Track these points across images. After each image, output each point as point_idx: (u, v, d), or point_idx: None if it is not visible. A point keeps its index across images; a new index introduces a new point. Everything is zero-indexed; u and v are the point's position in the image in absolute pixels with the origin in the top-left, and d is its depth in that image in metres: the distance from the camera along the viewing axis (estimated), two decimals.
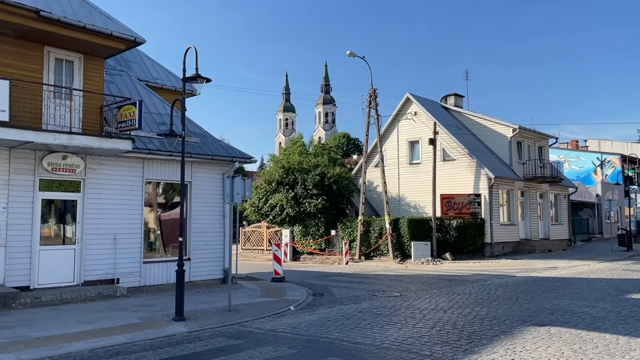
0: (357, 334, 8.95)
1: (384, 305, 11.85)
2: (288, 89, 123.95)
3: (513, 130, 28.64)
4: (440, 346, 8.02)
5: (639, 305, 11.49)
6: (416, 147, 29.21)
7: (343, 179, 28.11)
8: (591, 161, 44.82)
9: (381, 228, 25.75)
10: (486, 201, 25.87)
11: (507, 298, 12.77)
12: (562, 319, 10.08)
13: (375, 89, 26.64)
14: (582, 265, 20.83)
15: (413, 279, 17.61)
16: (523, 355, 7.48)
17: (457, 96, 32.32)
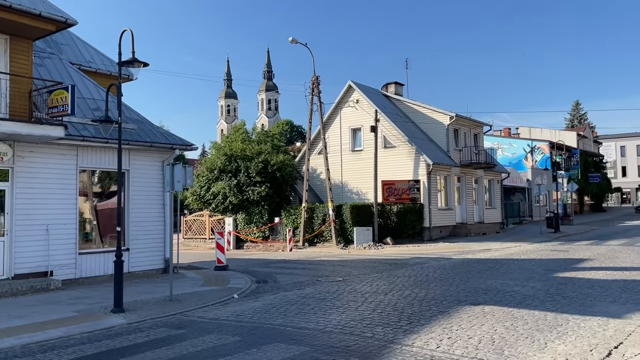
0: (300, 319, 9.06)
1: (327, 290, 12.03)
2: (230, 75, 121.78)
3: (450, 118, 29.59)
4: (382, 327, 8.26)
5: (565, 283, 12.27)
6: (358, 134, 29.60)
7: (286, 166, 28.10)
8: (522, 148, 47.07)
9: (324, 214, 26.02)
10: (425, 187, 26.67)
11: (445, 279, 13.28)
12: (495, 297, 10.61)
13: (318, 76, 26.73)
14: (514, 247, 21.95)
15: (355, 263, 17.95)
16: (459, 333, 7.83)
17: (398, 84, 32.95)
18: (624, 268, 14.56)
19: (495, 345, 7.13)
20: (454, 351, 6.91)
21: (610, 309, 9.28)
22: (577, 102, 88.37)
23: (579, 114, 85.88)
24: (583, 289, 11.38)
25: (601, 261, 16.23)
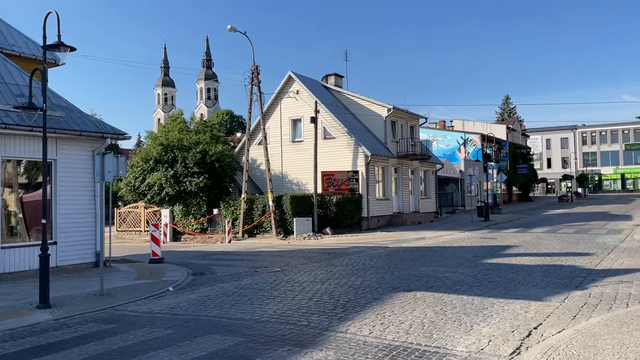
0: (237, 310, 9.02)
1: (265, 281, 12.04)
2: (167, 63, 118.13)
3: (388, 110, 30.19)
4: (318, 316, 8.38)
5: (492, 269, 12.90)
6: (298, 125, 29.62)
7: (226, 157, 27.73)
8: (456, 140, 48.80)
9: (264, 205, 25.93)
10: (363, 177, 27.13)
11: (380, 267, 13.62)
12: (427, 284, 11.01)
13: (258, 66, 26.49)
14: (447, 235, 22.80)
15: (294, 253, 18.04)
16: (391, 319, 8.08)
17: (337, 76, 33.21)
18: (546, 254, 15.48)
19: (425, 329, 7.41)
20: (385, 336, 7.13)
21: (532, 292, 9.86)
22: (507, 96, 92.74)
23: (509, 108, 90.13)
24: (508, 274, 12.01)
25: (526, 248, 17.17)
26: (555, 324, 7.51)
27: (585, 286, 10.23)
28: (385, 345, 6.69)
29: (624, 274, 11.55)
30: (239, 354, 6.44)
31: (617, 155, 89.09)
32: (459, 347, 6.56)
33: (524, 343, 6.68)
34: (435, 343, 6.77)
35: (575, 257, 14.50)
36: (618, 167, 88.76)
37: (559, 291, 9.81)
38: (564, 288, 10.10)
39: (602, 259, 14.05)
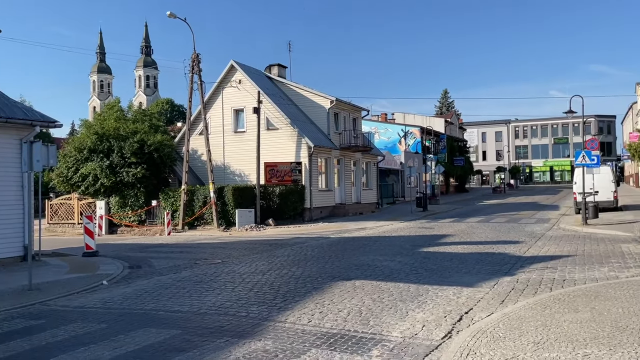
0: (174, 302, 8.86)
1: (204, 273, 11.88)
2: (103, 49, 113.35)
3: (331, 102, 30.37)
4: (257, 306, 8.37)
5: (429, 257, 13.33)
6: (241, 115, 29.26)
7: (165, 147, 27.00)
8: (397, 132, 49.85)
9: (205, 197, 25.51)
10: (306, 169, 27.23)
11: (321, 257, 13.76)
12: (366, 272, 11.23)
13: (199, 54, 25.89)
14: (387, 225, 23.32)
15: (236, 245, 17.90)
16: (330, 307, 8.20)
17: (281, 66, 33.03)
18: (479, 242, 16.16)
19: (362, 317, 7.58)
20: (324, 324, 7.23)
21: (465, 279, 10.28)
22: (445, 90, 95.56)
23: (447, 102, 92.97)
24: (443, 262, 12.46)
25: (460, 237, 17.86)
26: (485, 309, 7.88)
27: (514, 272, 10.78)
28: (324, 333, 6.79)
29: (549, 260, 12.25)
30: (175, 346, 6.34)
31: (546, 148, 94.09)
32: (394, 333, 6.76)
33: (455, 327, 6.97)
34: (372, 329, 6.93)
35: (506, 245, 15.23)
36: (547, 159, 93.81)
37: (490, 277, 10.29)
38: (494, 274, 10.60)
39: (530, 246, 14.84)
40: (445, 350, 5.99)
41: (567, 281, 9.68)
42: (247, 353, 6.06)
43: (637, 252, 13.10)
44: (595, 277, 9.98)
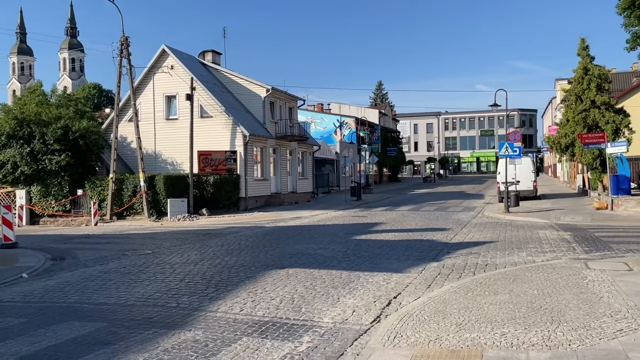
0: (100, 294, 8.55)
1: (133, 264, 11.52)
2: (23, 29, 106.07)
3: (267, 90, 30.13)
4: (188, 297, 8.24)
5: (361, 244, 13.62)
6: (173, 102, 28.43)
7: (92, 134, 25.77)
8: (333, 123, 50.29)
9: (135, 186, 24.65)
10: (242, 158, 26.93)
11: (256, 247, 13.72)
12: (299, 261, 11.32)
13: (128, 37, 24.85)
14: (322, 214, 23.57)
15: (168, 235, 17.46)
16: (263, 296, 8.21)
17: (215, 53, 32.32)
18: (409, 230, 16.71)
19: (295, 304, 7.65)
20: (256, 313, 7.24)
21: (395, 265, 10.61)
22: (379, 82, 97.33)
23: (382, 94, 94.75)
24: (375, 249, 12.78)
25: (392, 224, 18.37)
26: (413, 293, 8.18)
27: (441, 258, 11.24)
28: (255, 322, 6.80)
29: (473, 246, 12.87)
30: (100, 339, 6.14)
31: (473, 140, 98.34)
32: (325, 319, 6.88)
33: (384, 312, 7.19)
34: (304, 316, 7.02)
35: (434, 232, 15.84)
36: (474, 150, 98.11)
37: (418, 263, 10.68)
38: (422, 260, 11.01)
39: (456, 233, 15.52)
40: (374, 333, 6.17)
41: (489, 266, 10.22)
42: (176, 344, 5.96)
43: (552, 237, 14.03)
44: (515, 261, 10.61)
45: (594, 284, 7.87)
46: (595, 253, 11.24)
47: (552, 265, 9.76)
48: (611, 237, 13.69)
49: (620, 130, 25.06)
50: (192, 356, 5.56)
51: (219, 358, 5.50)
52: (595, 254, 11.15)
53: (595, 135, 22.35)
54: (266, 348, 5.78)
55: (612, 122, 24.82)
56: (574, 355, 5.01)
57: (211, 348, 5.80)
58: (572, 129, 26.36)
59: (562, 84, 45.70)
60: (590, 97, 25.64)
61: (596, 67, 26.50)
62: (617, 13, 23.86)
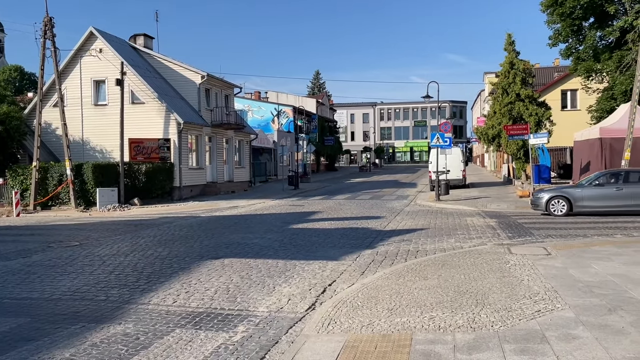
0: (23, 289, 8.12)
1: (59, 257, 10.99)
2: None
3: (202, 77, 29.42)
4: (118, 289, 7.99)
5: (298, 233, 13.70)
6: (102, 87, 27.18)
7: (13, 119, 24.23)
8: (270, 111, 50.03)
9: (61, 175, 23.44)
10: (175, 146, 26.23)
11: (190, 237, 13.47)
12: (235, 250, 11.24)
13: (52, 18, 23.39)
14: (259, 204, 23.45)
15: (96, 226, 16.78)
16: (197, 287, 8.10)
17: (147, 37, 31.13)
18: (345, 218, 16.98)
19: (230, 294, 7.61)
20: (190, 304, 7.13)
21: (330, 252, 10.77)
22: (317, 72, 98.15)
23: (319, 83, 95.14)
24: (311, 237, 12.91)
25: (328, 213, 18.60)
26: (347, 280, 8.35)
27: (374, 245, 11.53)
28: (189, 313, 6.70)
29: (405, 233, 13.29)
30: (23, 336, 5.84)
31: (407, 130, 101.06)
32: (260, 308, 6.89)
33: (319, 299, 7.31)
34: (239, 306, 7.00)
35: (369, 220, 16.20)
36: (408, 141, 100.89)
37: (353, 251, 10.90)
38: (357, 248, 11.25)
39: (390, 221, 15.95)
40: (309, 321, 6.26)
41: (419, 252, 10.60)
42: (105, 338, 5.78)
43: (479, 224, 14.73)
44: (444, 247, 11.06)
45: (516, 268, 8.36)
46: (518, 239, 11.92)
47: (478, 250, 10.26)
48: (532, 223, 14.56)
49: (542, 122, 26.61)
50: (122, 350, 5.41)
51: (150, 351, 5.39)
52: (517, 239, 11.83)
53: (519, 127, 23.57)
54: (200, 339, 5.72)
55: (535, 115, 26.29)
56: (495, 336, 5.32)
57: (142, 341, 5.67)
58: (498, 121, 27.67)
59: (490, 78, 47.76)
60: (516, 91, 27.00)
61: (521, 61, 27.92)
62: (541, 10, 25.25)
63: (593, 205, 15.70)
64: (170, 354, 5.30)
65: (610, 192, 15.56)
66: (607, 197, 15.55)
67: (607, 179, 16.00)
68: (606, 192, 15.59)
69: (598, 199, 15.66)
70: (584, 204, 15.73)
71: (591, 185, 15.98)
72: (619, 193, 15.42)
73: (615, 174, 16.11)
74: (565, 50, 25.93)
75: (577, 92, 33.18)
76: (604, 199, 15.60)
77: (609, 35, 23.83)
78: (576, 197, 15.80)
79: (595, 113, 27.60)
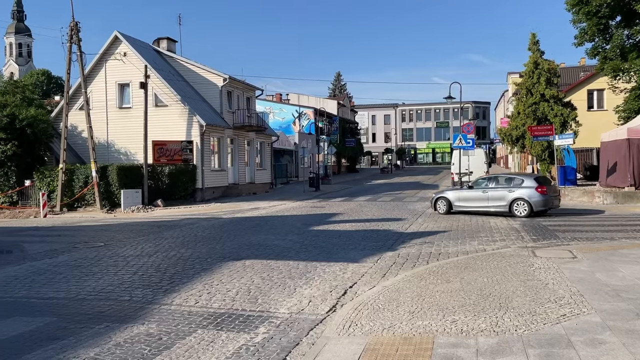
0: (49, 288, 8.28)
1: (84, 257, 11.19)
2: None
3: (224, 79, 29.68)
4: (141, 290, 8.09)
5: (318, 235, 13.70)
6: (127, 90, 27.63)
7: (40, 122, 24.78)
8: (291, 113, 50.14)
9: (87, 176, 23.91)
10: (198, 148, 26.49)
11: (212, 238, 13.58)
12: (256, 252, 11.29)
13: (78, 22, 23.93)
14: (280, 205, 23.53)
15: (121, 227, 17.05)
16: (219, 287, 8.15)
17: (170, 40, 31.56)
18: (366, 220, 16.92)
19: (251, 295, 7.64)
20: (211, 305, 7.18)
21: (351, 255, 10.73)
22: (338, 73, 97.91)
23: (340, 85, 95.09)
24: (332, 239, 12.88)
25: (349, 215, 18.55)
26: (368, 282, 8.31)
27: (396, 248, 11.45)
28: (211, 314, 6.75)
29: (427, 235, 13.17)
30: (49, 335, 5.95)
31: (429, 131, 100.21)
32: (281, 310, 6.90)
33: (340, 301, 7.28)
34: (260, 307, 7.02)
35: (390, 222, 16.10)
36: (430, 142, 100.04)
37: (374, 253, 10.84)
38: (378, 250, 11.19)
39: (411, 223, 15.83)
40: (329, 323, 6.24)
41: (442, 254, 10.49)
42: (128, 338, 5.86)
43: (502, 226, 14.52)
44: (467, 250, 10.93)
45: (540, 271, 8.21)
46: (543, 241, 11.71)
47: (502, 253, 10.11)
48: (557, 226, 14.29)
49: (568, 123, 26.13)
50: (145, 350, 5.48)
51: (172, 351, 5.44)
52: (542, 242, 11.62)
53: (544, 128, 23.20)
54: (221, 340, 5.76)
55: (560, 115, 25.84)
56: (519, 340, 5.23)
57: (165, 341, 5.73)
58: (522, 122, 27.27)
59: (514, 78, 47.11)
60: (540, 91, 26.59)
61: (546, 61, 27.49)
62: (566, 9, 24.81)
63: (465, 205, 17.53)
64: (192, 355, 5.34)
65: (477, 194, 17.24)
66: (475, 199, 17.30)
67: (481, 182, 17.88)
68: (474, 195, 17.33)
69: (469, 200, 17.47)
70: (459, 204, 17.63)
71: (465, 188, 18.06)
72: (483, 195, 17.04)
73: (489, 178, 18.08)
74: (591, 49, 25.43)
75: (604, 92, 32.49)
76: (472, 200, 17.35)
77: (636, 34, 23.29)
78: (453, 199, 17.80)
79: (622, 113, 26.98)
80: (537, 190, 16.17)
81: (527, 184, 16.49)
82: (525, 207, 16.16)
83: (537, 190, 16.18)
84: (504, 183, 17.11)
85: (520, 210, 16.25)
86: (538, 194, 16.14)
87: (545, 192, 16.21)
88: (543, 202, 16.21)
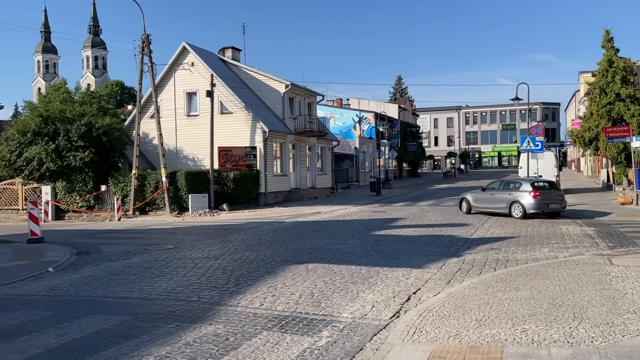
0: (123, 288, 8.72)
1: (155, 259, 11.70)
2: (48, 27, 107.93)
3: (286, 86, 30.19)
4: (209, 291, 8.35)
5: (380, 240, 13.60)
6: (194, 98, 28.71)
7: (114, 130, 26.21)
8: (352, 118, 50.21)
9: (157, 182, 25.01)
10: (261, 153, 27.07)
11: (275, 242, 13.81)
12: (318, 256, 11.36)
13: (149, 35, 25.13)
14: (341, 209, 23.57)
15: (189, 230, 17.69)
16: (283, 290, 8.28)
17: (235, 49, 32.50)
18: (429, 225, 16.62)
19: (314, 299, 7.70)
20: (276, 307, 7.30)
21: (414, 260, 10.58)
22: (399, 77, 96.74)
23: (401, 88, 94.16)
24: (394, 244, 12.75)
25: (412, 220, 18.30)
26: (432, 289, 8.15)
27: (461, 253, 11.17)
28: (275, 316, 6.86)
29: (494, 242, 12.75)
30: (123, 333, 6.27)
31: (495, 134, 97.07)
32: (344, 314, 6.91)
33: (403, 307, 7.19)
34: (323, 311, 7.06)
35: (454, 227, 15.73)
36: (496, 145, 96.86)
37: (438, 259, 10.63)
38: (442, 256, 10.96)
39: (477, 229, 15.38)
40: (393, 329, 6.18)
41: (509, 261, 10.12)
42: (197, 337, 6.06)
43: (575, 233, 13.82)
44: (536, 257, 10.49)
45: (618, 280, 7.74)
46: (620, 249, 11.05)
47: (575, 261, 9.63)
48: (636, 232, 13.43)
49: None
50: (213, 350, 5.65)
51: (239, 352, 5.57)
52: (619, 249, 10.96)
53: (620, 129, 21.90)
54: (286, 342, 5.84)
55: (637, 116, 24.30)
56: (596, 352, 4.95)
57: (232, 342, 5.88)
58: (596, 123, 25.87)
59: (586, 77, 44.77)
60: (615, 90, 25.13)
61: (621, 59, 25.95)
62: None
63: (479, 206, 19.16)
64: (258, 356, 5.45)
65: (487, 196, 19.03)
66: (486, 200, 18.97)
67: (491, 186, 19.53)
68: (486, 197, 19.12)
69: (482, 201, 19.11)
70: (475, 205, 19.28)
71: (481, 190, 19.65)
72: (491, 197, 18.77)
73: (498, 182, 19.69)
74: None
75: None
76: (484, 202, 19.04)
77: None
78: (471, 200, 19.47)
79: None
80: (530, 194, 17.46)
81: (523, 188, 17.90)
82: (520, 209, 17.55)
83: (531, 194, 17.46)
84: (506, 187, 18.73)
85: (517, 212, 17.64)
86: (531, 197, 17.40)
87: (538, 196, 17.38)
88: (536, 205, 17.34)
